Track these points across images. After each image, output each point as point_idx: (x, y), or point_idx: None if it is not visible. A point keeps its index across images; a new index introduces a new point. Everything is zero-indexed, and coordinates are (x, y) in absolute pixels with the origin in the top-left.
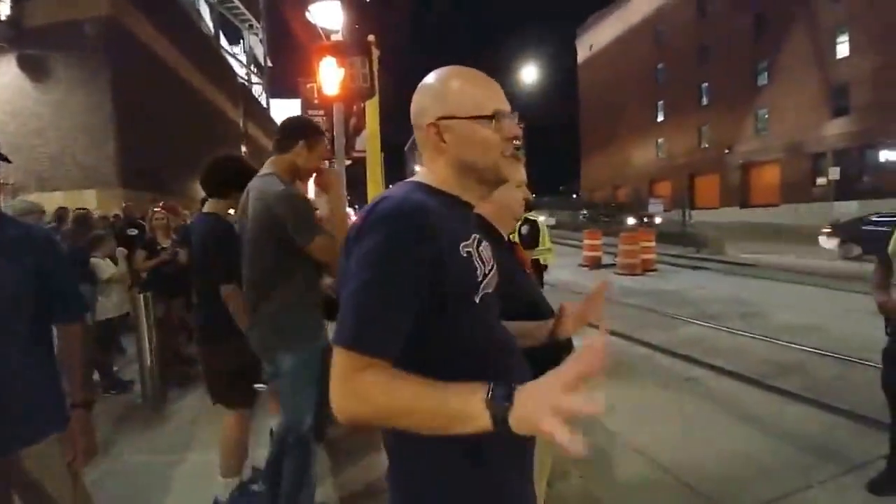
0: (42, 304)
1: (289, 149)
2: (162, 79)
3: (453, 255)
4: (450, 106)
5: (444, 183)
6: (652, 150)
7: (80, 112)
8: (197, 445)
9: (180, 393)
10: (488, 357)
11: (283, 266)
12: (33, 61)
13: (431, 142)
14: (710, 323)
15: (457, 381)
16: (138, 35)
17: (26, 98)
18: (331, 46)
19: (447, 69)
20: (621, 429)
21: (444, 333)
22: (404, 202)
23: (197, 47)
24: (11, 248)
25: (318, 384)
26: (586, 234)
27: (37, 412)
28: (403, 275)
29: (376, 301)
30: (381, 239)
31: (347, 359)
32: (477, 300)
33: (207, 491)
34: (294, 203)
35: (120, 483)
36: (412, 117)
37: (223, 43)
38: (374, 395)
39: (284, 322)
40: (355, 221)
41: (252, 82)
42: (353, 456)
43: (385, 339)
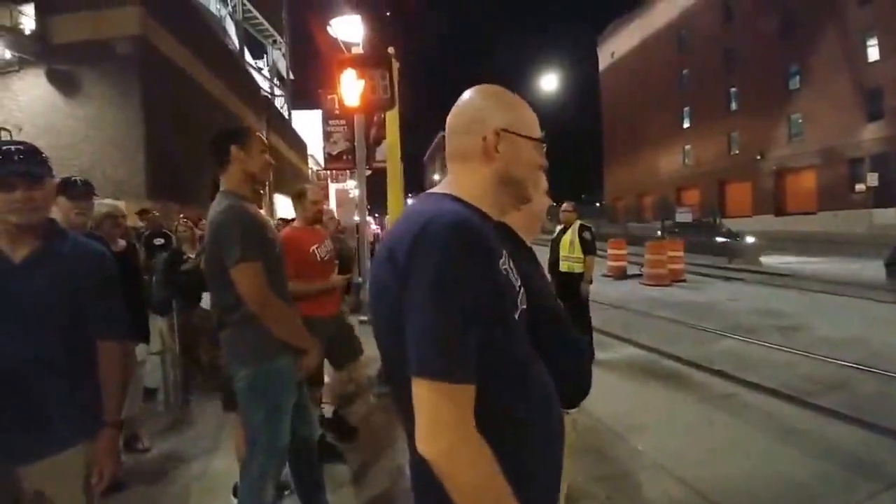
0: (87, 319)
1: (227, 161)
2: (189, 93)
3: (498, 274)
4: (513, 120)
5: (477, 195)
6: (678, 157)
7: (112, 127)
8: (220, 453)
9: (203, 400)
10: (523, 371)
11: (232, 284)
12: (63, 76)
13: (484, 150)
14: (744, 336)
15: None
16: (167, 52)
17: (58, 113)
18: (351, 59)
19: (501, 88)
20: (650, 447)
21: (486, 351)
22: (461, 220)
23: (223, 62)
24: (64, 263)
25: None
26: (611, 243)
27: (69, 423)
28: (477, 296)
29: (456, 326)
30: (449, 260)
31: (436, 392)
32: (516, 317)
33: (227, 498)
34: (226, 220)
35: (142, 490)
36: (462, 122)
37: (248, 58)
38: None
39: (239, 339)
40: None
41: (275, 95)
42: (369, 465)
43: (470, 363)
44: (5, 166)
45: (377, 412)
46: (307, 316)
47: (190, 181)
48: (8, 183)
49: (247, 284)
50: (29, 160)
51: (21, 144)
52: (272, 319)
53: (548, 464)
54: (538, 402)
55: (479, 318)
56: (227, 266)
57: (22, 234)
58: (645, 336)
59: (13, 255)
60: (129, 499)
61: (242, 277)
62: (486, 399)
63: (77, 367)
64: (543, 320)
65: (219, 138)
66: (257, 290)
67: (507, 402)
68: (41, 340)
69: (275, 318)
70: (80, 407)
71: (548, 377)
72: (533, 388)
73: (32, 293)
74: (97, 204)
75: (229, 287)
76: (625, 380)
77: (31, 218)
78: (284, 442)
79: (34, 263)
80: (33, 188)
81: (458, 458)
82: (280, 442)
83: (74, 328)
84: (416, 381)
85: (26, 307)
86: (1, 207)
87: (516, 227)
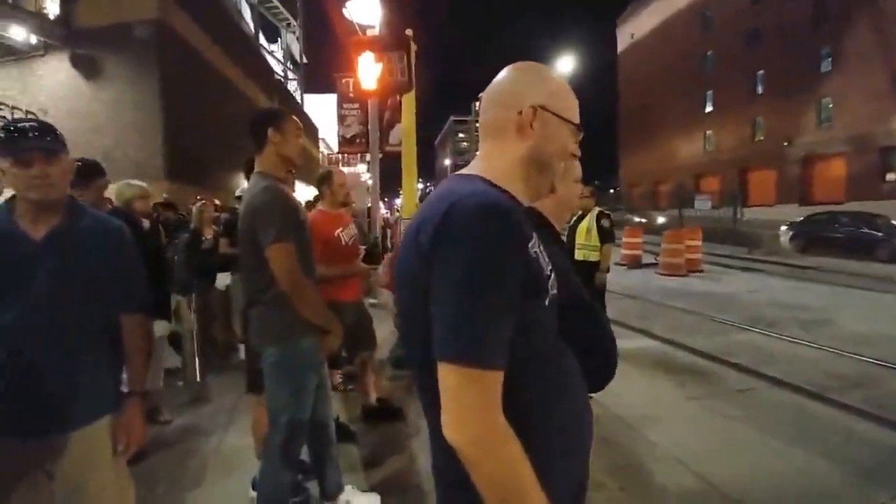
0: (108, 294)
1: (263, 142)
2: (205, 76)
3: (528, 257)
4: (552, 99)
5: (507, 175)
6: (698, 143)
7: (132, 109)
8: (234, 430)
9: (218, 378)
10: (553, 357)
11: (266, 264)
12: (86, 61)
13: (519, 125)
14: (764, 329)
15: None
16: (185, 35)
17: (81, 97)
18: (369, 41)
19: (545, 66)
20: (664, 439)
21: (516, 337)
22: (489, 201)
23: (238, 46)
24: (84, 239)
25: (298, 381)
26: (626, 231)
27: (94, 395)
28: (507, 279)
29: (486, 310)
30: (478, 241)
31: (463, 377)
32: (546, 303)
33: (245, 473)
34: (265, 200)
35: (163, 461)
36: (499, 95)
37: (262, 41)
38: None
39: (269, 318)
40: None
41: (288, 78)
42: (382, 447)
43: (500, 349)
44: (21, 142)
45: (389, 395)
46: (329, 299)
47: (205, 163)
48: (24, 159)
49: (280, 264)
50: (43, 136)
51: (35, 121)
52: (301, 300)
53: (576, 453)
54: (567, 389)
55: (507, 303)
56: (262, 246)
57: (42, 211)
58: (660, 327)
59: (34, 233)
60: (152, 468)
61: (276, 257)
62: (515, 386)
63: (100, 342)
64: (572, 305)
65: (256, 121)
66: (290, 271)
67: (536, 389)
68: (66, 317)
69: (304, 299)
70: (104, 380)
71: (576, 364)
72: (562, 376)
73: (54, 270)
74: (127, 184)
75: (262, 266)
76: (639, 371)
77: (49, 194)
78: (305, 420)
79: (55, 240)
80: (49, 164)
81: (485, 445)
82: (302, 420)
83: (96, 303)
84: (442, 366)
85: (49, 284)
86: (19, 185)
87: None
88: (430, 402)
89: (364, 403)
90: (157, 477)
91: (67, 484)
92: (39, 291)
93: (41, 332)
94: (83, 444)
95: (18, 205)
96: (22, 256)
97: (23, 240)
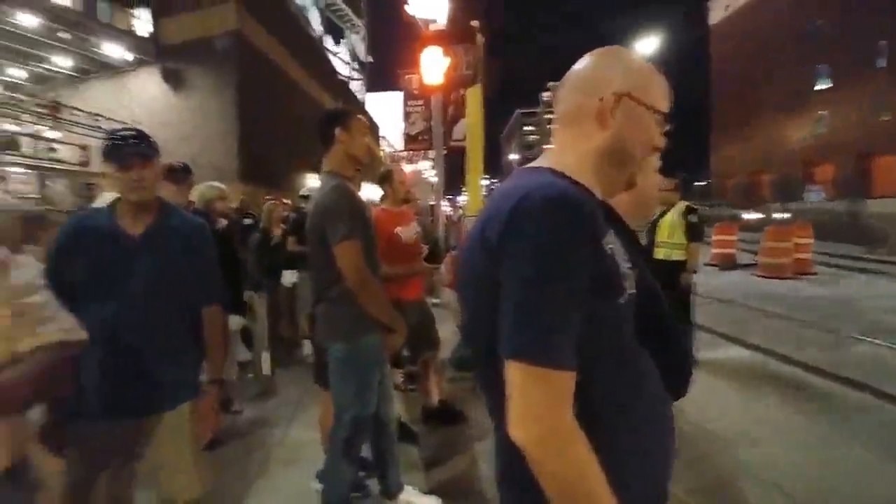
0: (192, 288)
1: (331, 142)
2: (274, 82)
3: (603, 252)
4: (637, 86)
5: (580, 167)
6: (807, 126)
7: (212, 118)
8: (300, 423)
9: (286, 374)
10: (629, 358)
11: (334, 262)
12: (173, 74)
13: (598, 113)
14: (884, 341)
15: (594, 384)
16: (258, 44)
17: (170, 108)
18: (435, 35)
19: (631, 50)
20: (758, 459)
21: (589, 336)
22: (561, 193)
23: (306, 50)
24: (174, 236)
25: (362, 377)
26: (717, 227)
27: (180, 382)
28: (577, 274)
29: (554, 306)
30: (546, 235)
31: (532, 376)
32: (621, 301)
33: (309, 465)
34: (333, 199)
35: (234, 450)
36: (579, 80)
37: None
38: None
39: (336, 314)
40: (487, 217)
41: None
42: (442, 448)
43: (568, 347)
44: (123, 149)
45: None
46: (392, 298)
47: (274, 164)
48: (126, 164)
49: (347, 262)
50: (140, 143)
51: (133, 129)
52: (367, 297)
53: (653, 457)
54: (643, 391)
55: (580, 300)
56: (331, 243)
57: (139, 211)
58: (758, 336)
59: (132, 231)
60: (223, 455)
61: (344, 254)
62: (585, 383)
63: (185, 332)
64: (647, 306)
65: (324, 120)
66: (356, 268)
67: (608, 388)
68: (157, 309)
69: (369, 296)
70: (187, 369)
71: (654, 366)
72: (637, 377)
73: (149, 265)
74: (207, 186)
75: (330, 264)
76: (732, 384)
77: (145, 195)
78: (368, 417)
79: (149, 238)
80: (145, 168)
81: (553, 447)
82: (365, 417)
83: (182, 296)
84: (510, 364)
85: (144, 278)
86: (120, 187)
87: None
88: (495, 402)
89: (425, 404)
90: (227, 464)
91: (151, 463)
92: (137, 285)
93: (136, 322)
94: (168, 427)
95: (119, 206)
96: (123, 253)
97: (124, 237)
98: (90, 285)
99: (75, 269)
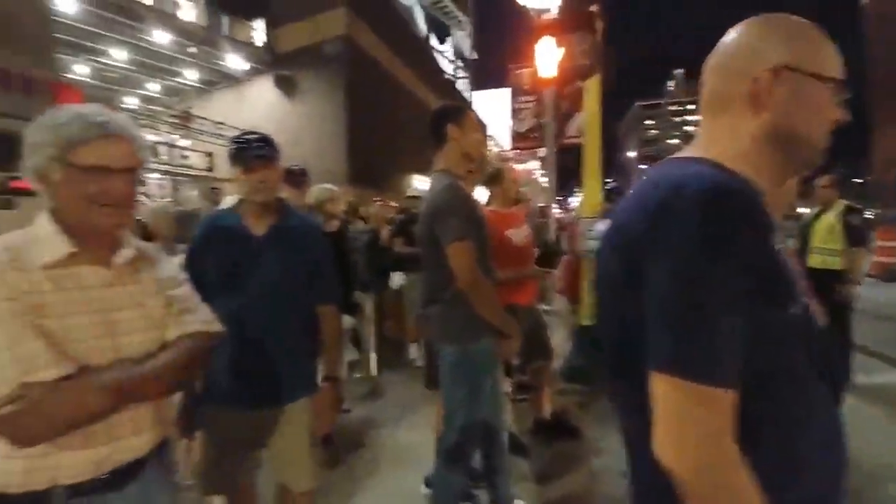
0: (310, 286)
1: (443, 139)
2: (381, 84)
3: (773, 253)
4: (802, 55)
5: (740, 156)
6: None
7: (322, 122)
8: (407, 424)
9: (393, 375)
10: (800, 378)
11: (447, 264)
12: (286, 81)
13: (752, 95)
14: None
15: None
16: (366, 47)
17: (284, 114)
18: (549, 25)
19: (787, 15)
20: None
21: (755, 351)
22: (721, 185)
23: (411, 50)
24: (293, 237)
25: (474, 382)
26: (878, 232)
27: (299, 377)
28: (743, 281)
29: (720, 317)
30: (707, 235)
31: (688, 393)
32: (793, 311)
33: (416, 468)
34: (446, 199)
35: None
36: (725, 60)
37: (433, 42)
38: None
39: (448, 316)
40: (628, 216)
41: (457, 77)
42: (558, 465)
43: (734, 364)
44: (248, 152)
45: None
46: (504, 303)
47: (380, 166)
48: (250, 167)
49: (459, 263)
50: (263, 146)
51: (257, 133)
52: (479, 299)
53: (821, 494)
54: (812, 418)
55: (746, 309)
56: (443, 244)
57: (263, 211)
58: None
59: (256, 231)
60: (331, 452)
61: (456, 255)
62: (750, 410)
63: (304, 329)
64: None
65: (436, 117)
66: (469, 269)
67: (773, 412)
68: (277, 306)
69: (482, 299)
70: (306, 364)
71: (826, 390)
72: (807, 401)
73: (272, 264)
74: (319, 188)
75: (442, 265)
76: (887, 413)
77: (268, 197)
78: (479, 424)
79: (272, 238)
80: (268, 170)
81: (712, 476)
82: (476, 424)
83: (300, 295)
84: (661, 379)
85: (268, 275)
86: (245, 188)
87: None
88: (632, 418)
89: (537, 417)
90: (335, 462)
91: (272, 452)
92: (260, 282)
93: (259, 318)
94: (287, 419)
95: (245, 207)
96: (248, 251)
97: (249, 237)
98: (219, 281)
99: (207, 265)
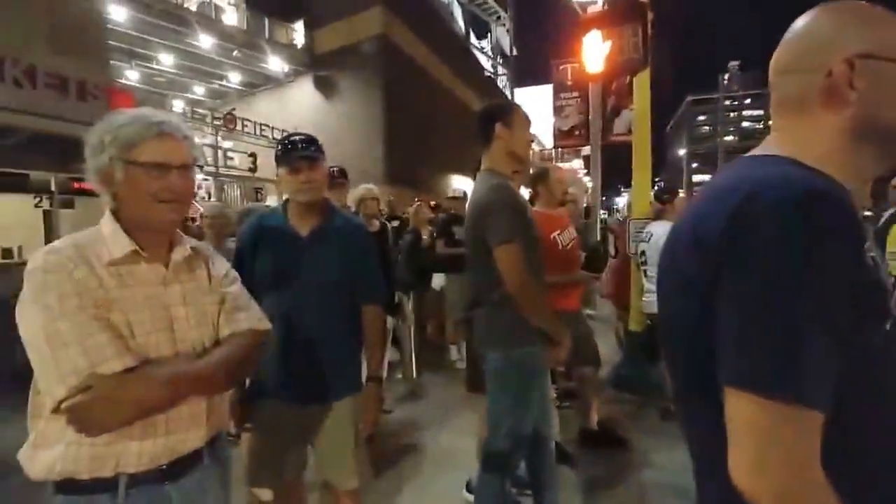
0: (354, 285)
1: (490, 138)
2: (420, 83)
3: (866, 264)
4: (879, 40)
5: (824, 154)
6: None
7: (361, 121)
8: (448, 428)
9: (433, 377)
10: (892, 402)
11: (494, 266)
12: (325, 81)
13: (828, 91)
14: None
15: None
16: (402, 46)
17: (324, 115)
18: (597, 17)
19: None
20: None
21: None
22: (809, 185)
23: (450, 48)
24: (338, 237)
25: (521, 388)
26: None
27: (345, 375)
28: (834, 292)
29: (810, 330)
30: (795, 241)
31: (772, 412)
32: (888, 326)
33: (458, 472)
34: (493, 200)
35: (387, 448)
36: (794, 56)
37: (472, 39)
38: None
39: (495, 320)
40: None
41: (497, 74)
42: (606, 477)
43: (825, 383)
44: (293, 152)
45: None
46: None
47: (418, 166)
48: (296, 167)
49: (507, 265)
50: (308, 146)
51: (302, 134)
52: (527, 303)
53: None
54: None
55: (838, 323)
56: (491, 245)
57: (307, 211)
58: None
59: (301, 230)
60: (375, 453)
61: (504, 258)
62: (839, 432)
63: (349, 328)
64: None
65: (484, 116)
66: (517, 272)
67: (866, 437)
68: (325, 305)
69: (531, 303)
70: (351, 363)
71: None
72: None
73: (317, 263)
74: (360, 189)
75: (489, 267)
76: None
77: (313, 197)
78: (527, 431)
79: (317, 237)
80: (312, 170)
81: (795, 500)
82: (523, 431)
83: (345, 295)
84: (740, 396)
85: (313, 274)
86: (291, 188)
87: None
88: (702, 435)
89: (583, 426)
90: (379, 462)
91: (318, 450)
92: (306, 281)
93: (307, 316)
94: (332, 417)
95: (290, 206)
96: (294, 250)
97: (294, 236)
98: (266, 280)
99: (255, 265)
